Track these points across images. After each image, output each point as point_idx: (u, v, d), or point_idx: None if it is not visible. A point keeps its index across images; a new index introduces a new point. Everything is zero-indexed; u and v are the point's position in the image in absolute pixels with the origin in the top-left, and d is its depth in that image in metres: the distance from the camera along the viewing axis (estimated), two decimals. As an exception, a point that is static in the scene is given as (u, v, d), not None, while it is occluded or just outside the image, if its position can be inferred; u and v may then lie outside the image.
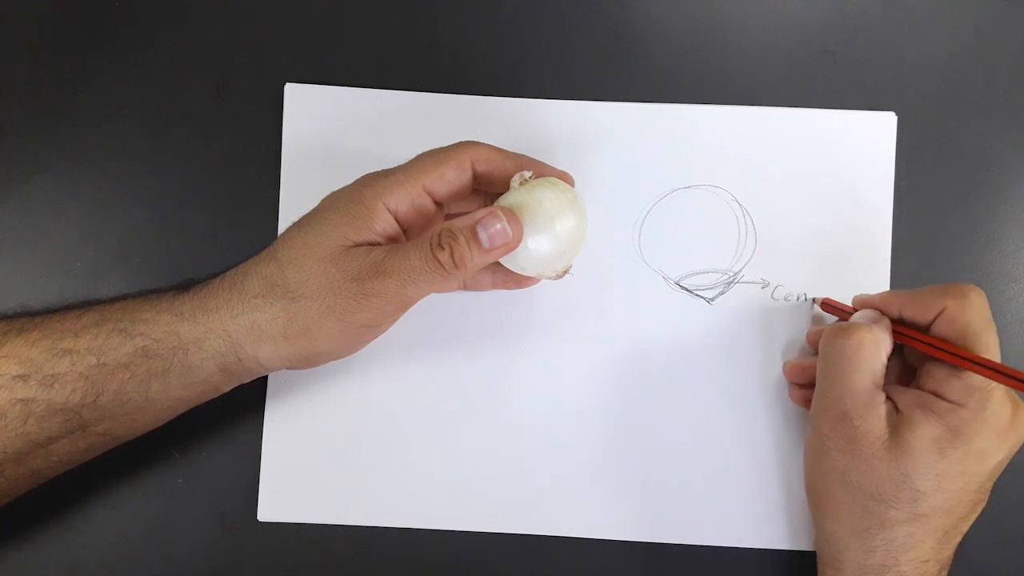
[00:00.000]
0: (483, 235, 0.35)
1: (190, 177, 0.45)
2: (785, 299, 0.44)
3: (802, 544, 0.43)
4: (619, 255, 0.44)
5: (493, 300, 0.44)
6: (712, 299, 0.44)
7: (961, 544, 0.38)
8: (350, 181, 0.38)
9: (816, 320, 0.44)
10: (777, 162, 0.45)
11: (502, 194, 0.38)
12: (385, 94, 0.45)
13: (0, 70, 0.45)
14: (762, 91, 0.45)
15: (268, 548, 0.43)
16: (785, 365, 0.43)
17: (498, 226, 0.35)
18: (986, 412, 0.35)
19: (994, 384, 0.35)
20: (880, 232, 0.44)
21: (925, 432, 0.35)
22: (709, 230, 0.44)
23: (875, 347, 0.37)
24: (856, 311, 0.40)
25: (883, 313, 0.39)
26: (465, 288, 0.43)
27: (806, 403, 0.42)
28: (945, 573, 0.38)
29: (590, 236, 0.40)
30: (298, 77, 0.45)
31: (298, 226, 0.37)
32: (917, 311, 0.38)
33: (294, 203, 0.44)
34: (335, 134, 0.45)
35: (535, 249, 0.37)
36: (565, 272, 0.39)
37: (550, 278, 0.39)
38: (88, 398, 0.35)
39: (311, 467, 0.43)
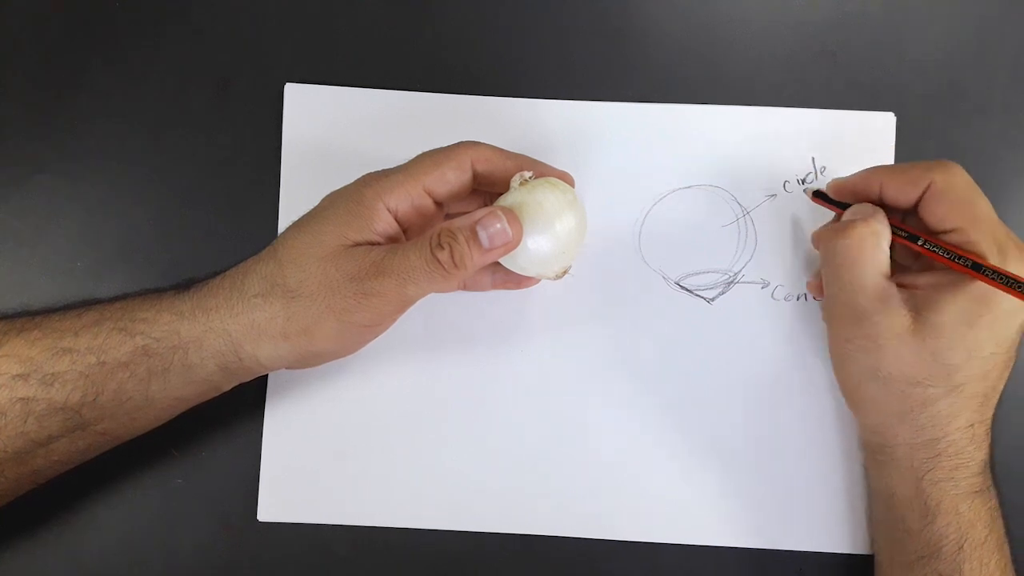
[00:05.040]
0: (483, 235, 0.35)
1: (190, 177, 0.45)
2: (785, 299, 0.44)
3: (805, 543, 0.43)
4: (619, 255, 0.44)
5: (493, 300, 0.44)
6: (712, 299, 0.44)
7: None
8: (350, 181, 0.38)
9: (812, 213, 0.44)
10: (777, 162, 0.45)
11: (502, 194, 0.38)
12: (385, 94, 0.45)
13: (0, 70, 0.45)
14: (762, 91, 0.45)
15: (268, 548, 0.43)
16: (809, 284, 0.43)
17: (498, 226, 0.35)
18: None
19: (1010, 241, 0.35)
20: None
21: (951, 309, 0.35)
22: (709, 230, 0.44)
23: (875, 241, 0.37)
24: (844, 204, 0.40)
25: (864, 191, 0.39)
26: (465, 288, 0.43)
27: None
28: (988, 430, 0.38)
29: (590, 236, 0.40)
30: (298, 77, 0.45)
31: (298, 226, 0.37)
32: (901, 188, 0.37)
33: (294, 203, 0.44)
34: (335, 134, 0.45)
35: (535, 249, 0.37)
36: (565, 272, 0.39)
37: (550, 278, 0.39)
38: (88, 397, 0.35)
39: (311, 467, 0.43)
